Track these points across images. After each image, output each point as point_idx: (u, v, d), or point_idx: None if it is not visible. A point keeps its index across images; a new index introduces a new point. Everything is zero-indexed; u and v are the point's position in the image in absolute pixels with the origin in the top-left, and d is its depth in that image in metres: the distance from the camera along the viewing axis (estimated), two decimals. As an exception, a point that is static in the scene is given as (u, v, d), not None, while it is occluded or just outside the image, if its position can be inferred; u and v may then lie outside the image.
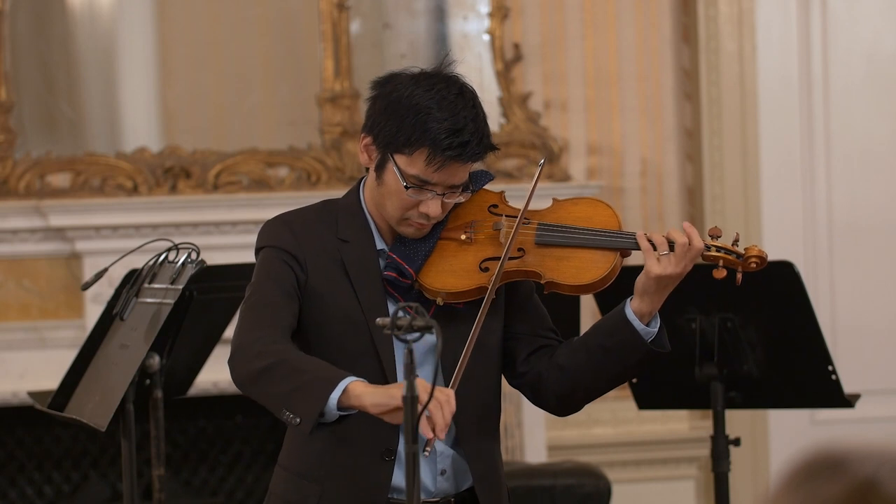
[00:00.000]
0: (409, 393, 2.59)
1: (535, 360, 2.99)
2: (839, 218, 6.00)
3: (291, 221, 2.97)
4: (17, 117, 5.56)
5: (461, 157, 2.85)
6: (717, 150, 5.91)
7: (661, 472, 5.94)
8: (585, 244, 2.92)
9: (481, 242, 2.95)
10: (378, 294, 2.93)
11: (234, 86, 5.73)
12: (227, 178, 5.62)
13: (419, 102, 2.85)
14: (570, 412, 3.05)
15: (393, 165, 2.87)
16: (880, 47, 6.00)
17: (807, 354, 3.75)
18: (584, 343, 2.96)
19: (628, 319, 2.90)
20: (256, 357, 2.79)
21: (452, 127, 2.84)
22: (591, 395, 3.01)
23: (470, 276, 2.92)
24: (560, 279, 2.90)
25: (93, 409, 3.61)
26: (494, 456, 3.04)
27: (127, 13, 5.71)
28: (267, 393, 2.78)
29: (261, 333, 2.82)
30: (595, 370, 2.94)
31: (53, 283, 5.53)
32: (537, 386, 2.99)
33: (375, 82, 2.96)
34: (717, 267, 2.95)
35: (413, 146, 2.84)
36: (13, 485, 5.62)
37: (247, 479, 5.74)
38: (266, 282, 2.90)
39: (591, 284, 2.92)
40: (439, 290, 2.91)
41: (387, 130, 2.87)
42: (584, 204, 3.02)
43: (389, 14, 5.79)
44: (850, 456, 1.36)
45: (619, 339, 2.91)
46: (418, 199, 2.87)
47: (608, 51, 5.89)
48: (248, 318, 2.87)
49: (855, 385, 4.06)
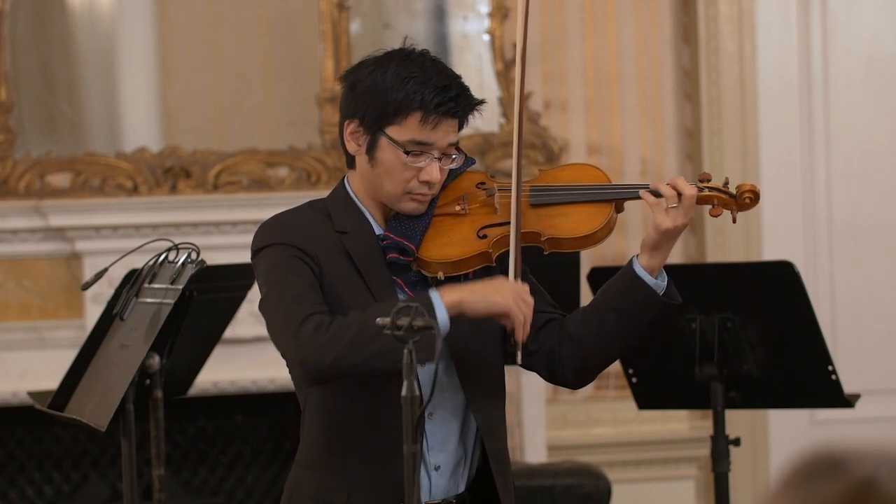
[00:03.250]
0: (409, 393, 2.59)
1: (543, 335, 2.98)
2: (839, 218, 6.00)
3: (289, 220, 2.96)
4: (17, 117, 5.56)
5: (453, 111, 2.88)
6: (717, 150, 5.91)
7: (661, 472, 5.94)
8: (580, 199, 2.96)
9: (476, 212, 2.96)
10: (386, 280, 2.92)
11: (234, 86, 5.73)
12: (227, 178, 5.62)
13: (399, 72, 2.89)
14: (586, 382, 3.04)
15: (386, 140, 2.88)
16: (880, 47, 6.00)
17: (807, 354, 3.75)
18: (596, 309, 2.96)
19: (640, 276, 2.91)
20: (329, 346, 2.75)
21: (438, 84, 2.88)
22: (606, 362, 3.01)
23: (468, 243, 2.93)
24: (559, 234, 2.92)
25: (93, 409, 3.61)
26: (503, 435, 3.03)
27: (127, 13, 5.71)
28: (365, 359, 2.75)
29: (313, 322, 2.77)
30: (610, 334, 2.93)
31: (53, 283, 5.53)
32: (551, 361, 2.98)
33: (346, 73, 2.98)
34: (714, 206, 2.97)
35: (404, 112, 2.87)
36: (13, 485, 5.62)
37: (247, 479, 5.74)
38: (286, 279, 2.86)
39: (591, 236, 2.93)
40: (438, 262, 2.91)
41: (373, 107, 2.89)
42: (571, 167, 3.09)
43: (389, 14, 5.79)
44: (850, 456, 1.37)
45: (633, 297, 2.91)
46: (417, 165, 2.88)
47: (608, 51, 5.89)
48: (285, 319, 2.81)
49: (855, 385, 4.06)
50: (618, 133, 5.91)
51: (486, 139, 5.73)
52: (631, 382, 3.96)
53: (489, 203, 2.96)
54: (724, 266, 4.73)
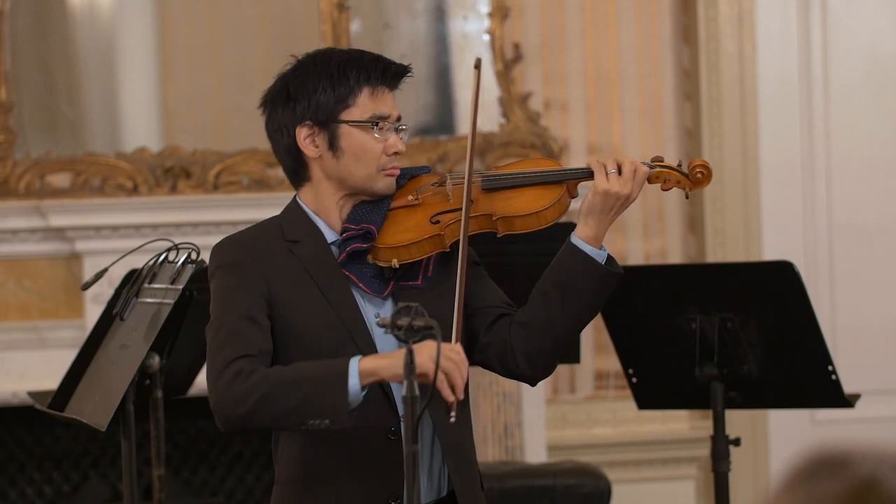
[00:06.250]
0: (410, 393, 2.59)
1: (496, 328, 2.96)
2: (839, 218, 6.00)
3: (238, 238, 2.98)
4: (17, 117, 5.56)
5: (396, 76, 2.94)
6: (717, 150, 5.91)
7: (661, 472, 5.94)
8: (531, 182, 2.98)
9: (428, 201, 2.99)
10: (341, 284, 2.92)
11: (234, 86, 5.73)
12: (227, 178, 5.62)
13: (327, 63, 2.94)
14: (540, 372, 2.99)
15: (346, 126, 2.92)
16: (880, 47, 6.00)
17: (807, 354, 3.75)
18: (539, 289, 2.95)
19: (577, 247, 2.91)
20: (241, 399, 2.76)
21: (369, 58, 2.95)
22: (556, 343, 2.95)
23: (421, 229, 2.95)
24: (511, 212, 2.94)
25: (93, 409, 3.61)
26: (467, 434, 2.99)
27: (127, 13, 5.71)
28: (275, 416, 2.76)
29: (237, 368, 2.78)
30: (555, 311, 2.91)
31: (53, 283, 5.53)
32: (503, 351, 2.95)
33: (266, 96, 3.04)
34: (665, 182, 3.01)
35: (353, 93, 2.92)
36: (13, 485, 5.62)
37: (247, 479, 5.74)
38: (224, 313, 2.87)
39: (540, 213, 2.95)
40: (391, 247, 2.92)
41: (320, 102, 2.92)
42: (527, 161, 3.15)
43: (389, 14, 5.79)
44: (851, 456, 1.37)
45: (572, 269, 2.90)
46: (384, 137, 2.92)
47: (608, 51, 5.89)
48: (213, 358, 2.83)
49: (855, 385, 4.06)
50: (618, 133, 5.91)
51: (485, 139, 5.73)
52: (631, 382, 3.96)
53: (441, 192, 2.99)
54: (724, 266, 4.73)
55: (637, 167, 2.94)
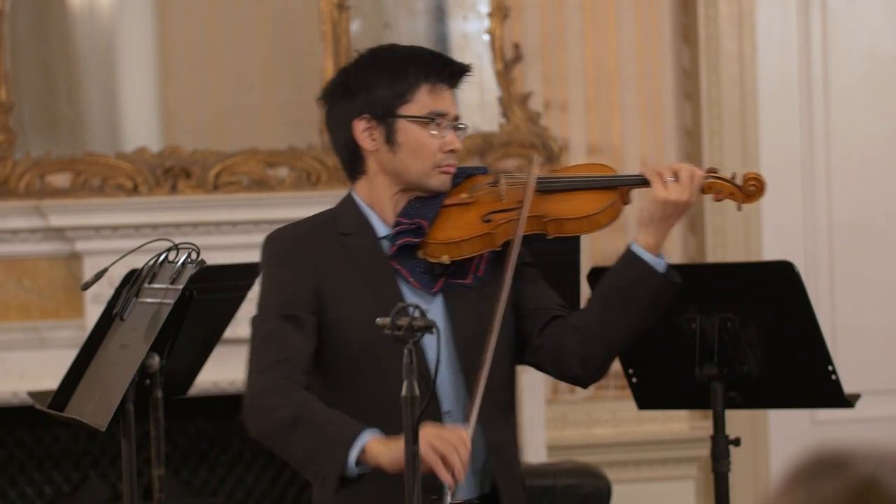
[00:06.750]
0: (409, 393, 2.59)
1: (549, 330, 2.99)
2: (839, 218, 6.00)
3: (292, 229, 3.02)
4: (17, 117, 5.56)
5: (455, 74, 2.97)
6: (717, 150, 5.91)
7: (661, 472, 5.94)
8: (584, 186, 3.00)
9: (482, 200, 3.00)
10: (388, 278, 2.95)
11: (234, 86, 5.73)
12: (227, 178, 5.62)
13: (388, 60, 2.97)
14: (593, 375, 3.02)
15: (405, 121, 2.94)
16: (880, 47, 6.00)
17: (807, 354, 3.74)
18: (597, 295, 2.99)
19: (637, 255, 2.94)
20: (271, 410, 2.83)
21: (430, 55, 2.98)
22: (611, 349, 3.00)
23: (472, 226, 2.96)
24: (563, 215, 2.96)
25: (93, 409, 3.61)
26: (510, 433, 3.03)
27: (127, 13, 5.71)
28: (288, 452, 2.86)
29: (271, 378, 2.84)
30: (612, 317, 2.94)
31: (53, 283, 5.53)
32: (556, 354, 2.98)
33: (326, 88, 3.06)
34: (717, 192, 3.03)
35: (412, 89, 2.94)
36: (13, 485, 5.62)
37: (247, 479, 5.74)
38: (269, 309, 2.93)
39: (593, 217, 2.97)
40: (442, 243, 2.93)
41: (379, 97, 2.94)
42: (581, 165, 3.19)
43: (389, 14, 5.79)
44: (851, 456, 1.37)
45: (632, 276, 2.93)
46: (441, 134, 2.94)
47: (608, 51, 5.89)
48: (251, 357, 2.92)
49: (855, 385, 4.05)
50: (618, 133, 5.91)
51: (486, 139, 5.73)
52: (631, 382, 3.96)
53: (495, 192, 3.00)
54: (724, 266, 4.72)
55: (693, 173, 2.96)
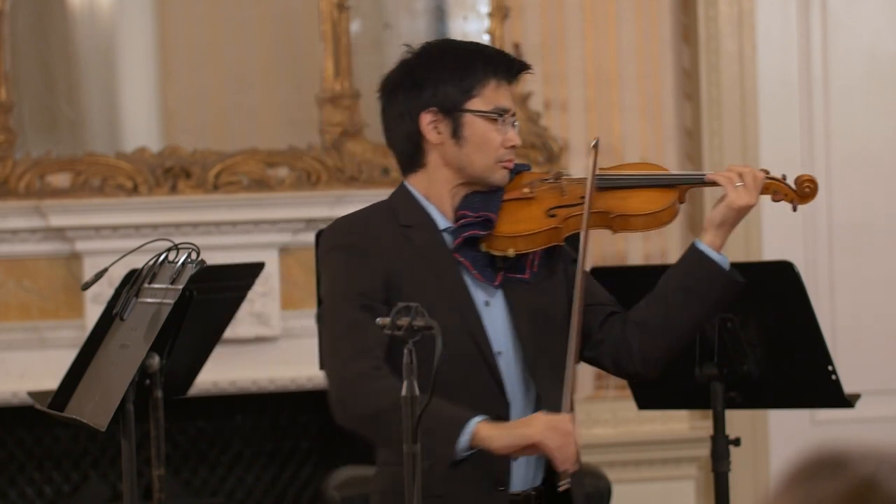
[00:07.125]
0: (409, 393, 2.59)
1: (608, 326, 3.03)
2: (839, 218, 6.00)
3: (353, 219, 3.02)
4: (17, 117, 5.56)
5: (518, 71, 3.02)
6: (717, 150, 5.91)
7: (661, 472, 5.94)
8: (645, 184, 3.04)
9: (543, 195, 3.03)
10: (453, 270, 2.96)
11: (234, 86, 5.73)
12: (227, 178, 5.62)
13: (455, 55, 2.98)
14: (652, 372, 3.07)
15: (471, 115, 2.95)
16: (880, 47, 6.00)
17: (807, 354, 3.75)
18: (660, 293, 3.01)
19: (705, 254, 2.98)
20: (365, 398, 2.82)
21: (493, 50, 3.03)
22: (673, 346, 3.04)
23: (538, 221, 2.99)
24: (629, 211, 2.99)
25: (93, 409, 3.61)
26: None
27: (127, 13, 5.71)
28: (388, 437, 2.81)
29: (358, 366, 2.83)
30: (677, 316, 2.99)
31: (53, 283, 5.53)
32: (617, 350, 3.03)
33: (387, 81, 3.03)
34: (775, 193, 3.10)
35: (480, 84, 2.96)
36: (13, 485, 5.62)
37: (247, 479, 5.74)
38: (343, 300, 2.91)
39: (658, 213, 3.00)
40: (508, 236, 2.96)
41: (447, 90, 2.95)
42: (632, 164, 3.20)
43: (389, 14, 5.79)
44: (851, 456, 1.37)
45: (698, 275, 2.97)
46: (505, 130, 2.97)
47: (608, 51, 5.89)
48: (335, 346, 2.89)
49: (855, 385, 4.06)
50: (618, 133, 5.91)
51: (486, 139, 5.73)
52: (631, 382, 3.96)
53: (556, 187, 3.03)
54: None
55: (756, 175, 3.03)
